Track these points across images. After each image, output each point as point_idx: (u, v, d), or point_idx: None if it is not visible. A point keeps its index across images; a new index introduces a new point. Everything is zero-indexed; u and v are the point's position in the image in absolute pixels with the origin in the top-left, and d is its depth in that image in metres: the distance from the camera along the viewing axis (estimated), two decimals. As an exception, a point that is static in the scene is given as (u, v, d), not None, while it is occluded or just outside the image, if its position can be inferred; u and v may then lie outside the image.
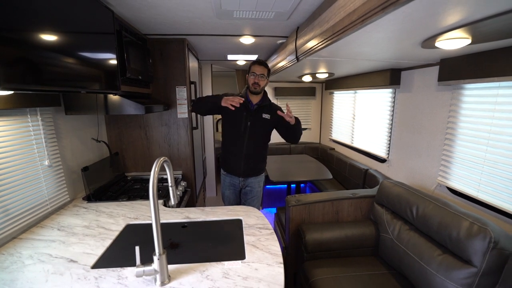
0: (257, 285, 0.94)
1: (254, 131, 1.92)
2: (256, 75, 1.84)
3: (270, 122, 1.95)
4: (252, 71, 1.85)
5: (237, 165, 1.97)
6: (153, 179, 0.90)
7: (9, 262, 1.07)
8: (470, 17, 0.90)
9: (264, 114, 1.93)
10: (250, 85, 1.87)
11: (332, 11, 1.19)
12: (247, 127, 1.90)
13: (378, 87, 2.43)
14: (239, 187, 2.06)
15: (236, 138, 1.92)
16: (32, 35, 0.95)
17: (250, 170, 2.00)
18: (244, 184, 2.04)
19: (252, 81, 1.85)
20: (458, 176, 1.69)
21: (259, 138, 1.97)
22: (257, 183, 2.06)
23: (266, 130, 1.98)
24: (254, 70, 1.85)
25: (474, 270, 1.13)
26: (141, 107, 1.66)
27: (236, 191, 2.09)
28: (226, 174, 2.08)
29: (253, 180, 2.04)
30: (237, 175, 2.02)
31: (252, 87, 1.86)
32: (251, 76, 1.86)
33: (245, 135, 1.91)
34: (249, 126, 1.90)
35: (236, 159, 1.96)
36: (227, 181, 2.08)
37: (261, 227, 1.35)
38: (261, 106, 1.92)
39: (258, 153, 2.01)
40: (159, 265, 0.93)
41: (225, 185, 2.10)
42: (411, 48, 1.39)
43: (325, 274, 1.54)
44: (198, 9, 1.56)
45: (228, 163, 2.03)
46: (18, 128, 1.33)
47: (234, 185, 2.06)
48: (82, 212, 1.55)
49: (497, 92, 1.44)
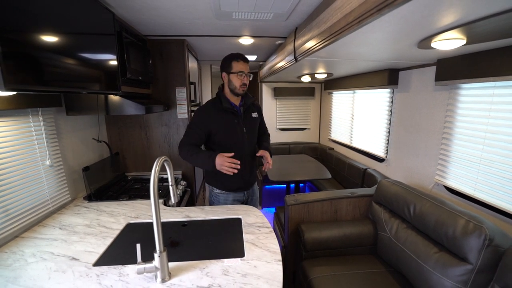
0: (256, 282, 0.96)
1: (251, 136, 1.71)
2: (244, 75, 1.56)
3: (258, 120, 1.79)
4: (239, 70, 1.55)
5: (242, 178, 1.71)
6: (154, 178, 0.92)
7: (12, 260, 1.09)
8: (464, 18, 0.92)
9: (253, 114, 1.74)
10: (237, 87, 1.57)
11: (330, 12, 1.21)
12: (243, 134, 1.65)
13: (376, 87, 2.45)
14: (242, 200, 1.79)
15: (235, 149, 1.56)
16: (34, 37, 0.96)
17: (253, 178, 1.82)
18: (248, 195, 1.82)
19: (241, 82, 1.56)
20: (455, 175, 1.71)
21: (255, 141, 1.79)
22: (256, 187, 1.92)
23: (257, 130, 1.80)
24: (241, 68, 1.55)
25: (469, 267, 1.15)
26: (142, 107, 1.68)
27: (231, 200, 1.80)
28: (228, 193, 1.74)
29: (254, 187, 1.87)
30: (242, 190, 1.76)
31: (240, 89, 1.58)
32: (239, 76, 1.55)
33: (243, 143, 1.66)
34: (245, 132, 1.66)
35: (240, 173, 1.58)
36: (230, 199, 1.75)
37: (260, 226, 1.37)
38: (247, 105, 1.69)
39: (253, 157, 1.78)
40: (160, 262, 0.94)
41: (223, 198, 1.75)
42: (408, 48, 1.41)
43: (324, 272, 1.56)
44: (198, 10, 1.57)
45: (230, 180, 1.65)
46: (20, 128, 1.35)
47: (237, 201, 1.78)
48: (83, 211, 1.56)
49: (492, 92, 1.46)
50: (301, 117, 4.17)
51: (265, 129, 1.93)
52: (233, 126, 1.63)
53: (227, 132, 1.62)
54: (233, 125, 1.63)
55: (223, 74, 1.62)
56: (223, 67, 1.60)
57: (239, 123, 1.64)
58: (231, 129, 1.63)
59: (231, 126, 1.62)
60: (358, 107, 3.03)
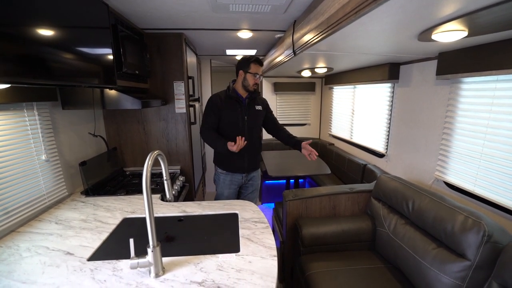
0: (250, 278, 0.95)
1: (252, 124, 1.96)
2: (257, 76, 1.86)
3: (262, 113, 2.03)
4: (255, 72, 1.84)
5: (240, 161, 1.96)
6: (146, 172, 0.91)
7: (7, 254, 1.09)
8: (465, 8, 0.89)
9: (256, 106, 1.98)
10: (250, 85, 1.86)
11: (327, 3, 1.18)
12: (244, 121, 1.92)
13: (377, 81, 2.41)
14: (240, 183, 2.05)
15: (236, 134, 1.82)
16: (27, 29, 0.95)
17: (253, 164, 2.03)
18: (246, 179, 2.05)
19: (254, 81, 1.86)
20: (455, 170, 1.68)
21: (256, 130, 2.02)
22: (257, 175, 2.11)
23: (260, 121, 2.05)
24: (257, 70, 1.85)
25: (467, 263, 1.14)
26: (138, 101, 1.66)
27: (236, 189, 2.07)
28: (227, 173, 2.01)
29: (255, 173, 2.08)
30: (240, 172, 2.00)
31: (252, 87, 1.88)
32: (253, 77, 1.85)
33: (244, 129, 1.92)
34: (247, 120, 1.93)
35: (239, 156, 1.90)
36: (228, 180, 2.02)
37: (257, 221, 1.36)
38: (252, 98, 1.95)
39: (257, 145, 2.05)
40: (153, 257, 0.94)
41: (225, 185, 2.03)
42: (408, 41, 1.38)
43: (321, 268, 1.55)
44: (194, 2, 1.55)
45: (229, 161, 1.97)
46: (15, 122, 1.34)
47: (235, 183, 2.03)
48: (80, 206, 1.56)
49: (495, 86, 1.42)
50: (302, 112, 4.14)
51: (277, 121, 2.17)
52: (236, 113, 1.91)
53: (230, 116, 1.91)
54: (236, 113, 1.91)
55: (240, 72, 1.88)
56: (242, 65, 1.87)
57: (242, 111, 1.92)
58: (234, 115, 1.91)
59: (234, 113, 1.91)
60: (359, 102, 3.00)
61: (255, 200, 2.15)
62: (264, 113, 2.04)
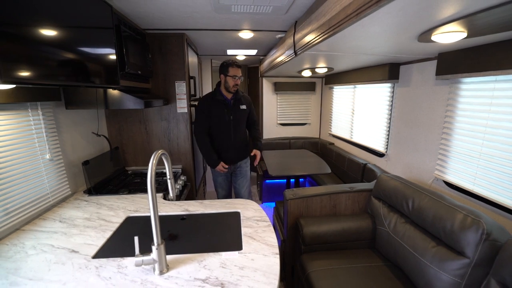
0: (253, 275, 0.97)
1: (237, 122, 2.22)
2: (237, 78, 2.09)
3: (246, 111, 2.30)
4: (233, 74, 2.07)
5: (228, 155, 2.25)
6: (151, 171, 0.93)
7: (13, 252, 1.10)
8: (465, 10, 0.91)
9: (241, 106, 2.24)
10: (230, 86, 2.10)
11: (329, 5, 1.19)
12: (230, 120, 2.18)
13: (377, 81, 2.43)
14: (229, 172, 2.36)
15: (223, 132, 2.18)
16: (32, 30, 0.96)
17: (240, 156, 2.33)
18: (235, 168, 2.36)
19: (233, 83, 2.10)
20: (454, 170, 1.70)
21: (242, 127, 2.29)
22: (244, 163, 2.39)
23: (245, 119, 2.32)
24: (235, 73, 2.07)
25: (466, 261, 1.15)
26: (140, 101, 1.67)
27: (227, 176, 2.38)
28: None
29: (241, 163, 2.36)
30: (228, 164, 2.27)
31: (232, 88, 2.11)
32: (232, 79, 2.08)
33: (230, 127, 2.19)
34: (232, 119, 2.19)
35: (226, 150, 2.23)
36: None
37: (259, 220, 1.38)
38: (237, 99, 2.20)
39: (243, 141, 2.32)
40: (158, 254, 0.96)
41: (218, 173, 2.32)
42: (408, 42, 1.40)
43: (322, 266, 1.57)
44: (196, 3, 1.56)
45: (219, 155, 2.24)
46: (19, 122, 1.36)
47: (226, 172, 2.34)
48: (83, 205, 1.58)
49: (493, 86, 1.44)
50: (302, 112, 4.16)
51: (254, 120, 2.42)
52: (222, 114, 2.16)
53: (218, 117, 2.16)
54: (222, 112, 2.16)
55: (221, 76, 2.13)
56: (222, 70, 2.11)
57: (228, 111, 2.17)
58: (220, 115, 2.16)
59: (221, 113, 2.15)
60: (359, 102, 3.01)
61: (247, 184, 2.42)
62: (248, 111, 2.30)
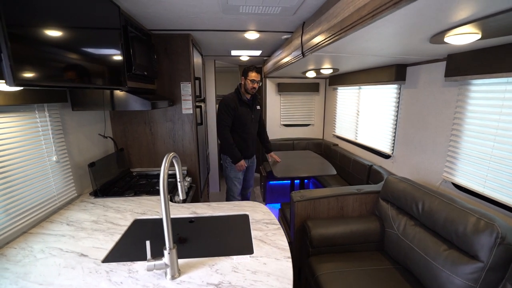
0: (266, 279, 0.95)
1: (256, 120, 2.61)
2: (255, 82, 2.38)
3: (260, 111, 2.70)
4: (252, 78, 2.37)
5: (250, 149, 2.60)
6: (164, 175, 0.91)
7: (21, 256, 1.09)
8: (481, 12, 0.89)
9: (257, 107, 2.61)
10: (249, 89, 2.41)
11: (341, 6, 1.18)
12: (252, 118, 2.54)
13: (383, 83, 2.42)
14: (246, 165, 2.61)
15: (248, 128, 2.52)
16: (41, 32, 0.95)
17: (254, 150, 2.70)
18: (250, 162, 2.72)
19: (251, 86, 2.40)
20: (464, 172, 1.69)
21: (257, 125, 2.68)
22: (254, 157, 2.77)
23: (258, 118, 2.68)
24: (254, 77, 2.37)
25: (480, 265, 1.14)
26: (147, 103, 1.66)
27: (243, 172, 2.62)
28: None
29: (253, 157, 2.76)
30: (248, 158, 2.63)
31: (251, 91, 2.43)
32: (251, 83, 2.38)
33: (251, 125, 2.55)
34: (253, 117, 2.55)
35: (249, 145, 2.58)
36: None
37: (268, 222, 1.36)
38: (254, 100, 2.55)
39: (256, 137, 2.72)
40: (170, 259, 0.94)
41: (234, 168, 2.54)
42: (419, 43, 1.38)
43: (331, 269, 1.55)
44: (204, 4, 1.55)
45: (242, 150, 2.50)
46: (27, 124, 1.34)
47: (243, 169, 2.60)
48: (89, 207, 1.56)
49: (505, 88, 1.43)
50: (305, 113, 4.14)
51: (263, 122, 2.84)
52: (247, 113, 2.49)
53: (243, 117, 2.47)
54: (247, 111, 2.49)
55: (242, 78, 2.47)
56: (243, 73, 2.44)
57: (250, 111, 2.52)
58: (246, 114, 2.48)
59: (246, 112, 2.48)
60: (364, 103, 3.00)
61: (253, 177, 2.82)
62: (260, 111, 2.69)
